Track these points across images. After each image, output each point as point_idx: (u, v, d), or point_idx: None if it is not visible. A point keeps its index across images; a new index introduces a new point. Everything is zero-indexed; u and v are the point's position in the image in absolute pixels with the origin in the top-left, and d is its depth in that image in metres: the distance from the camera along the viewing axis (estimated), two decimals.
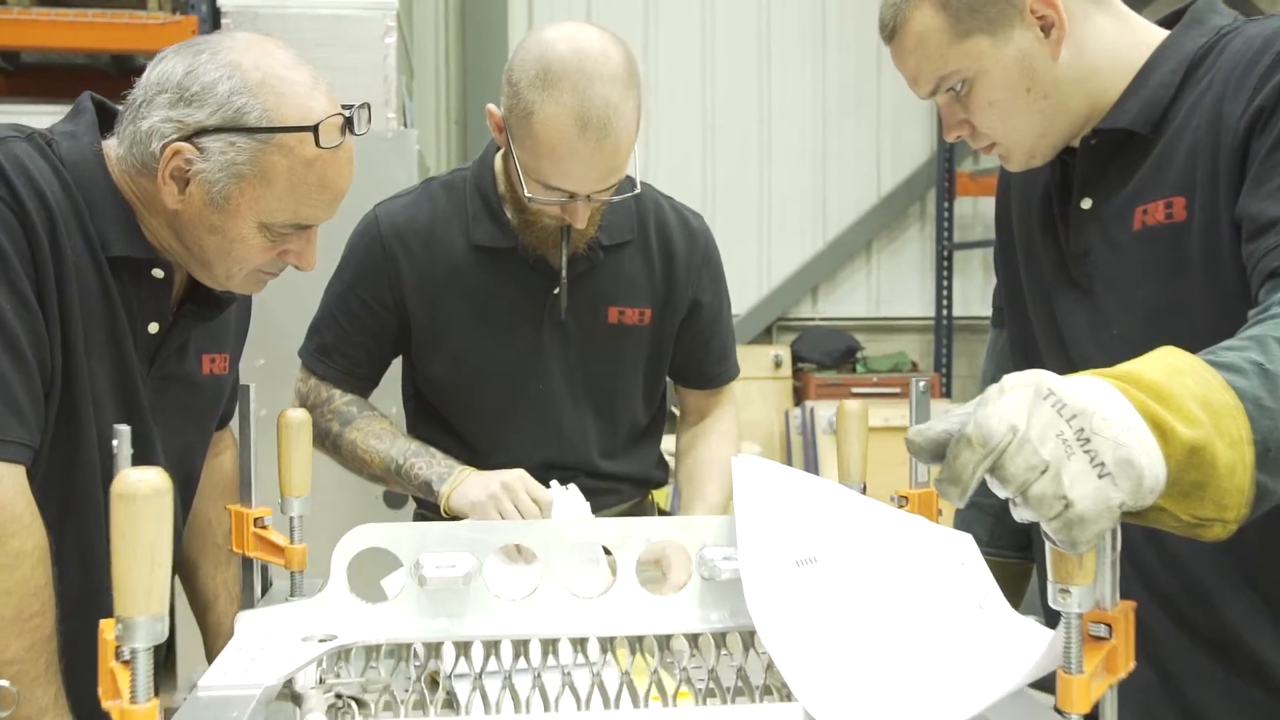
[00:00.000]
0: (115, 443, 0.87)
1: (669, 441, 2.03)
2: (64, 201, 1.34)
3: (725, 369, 2.05)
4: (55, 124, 1.43)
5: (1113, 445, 0.82)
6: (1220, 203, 1.23)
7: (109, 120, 1.43)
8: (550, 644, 1.28)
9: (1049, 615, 1.59)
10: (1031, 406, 0.84)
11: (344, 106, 1.40)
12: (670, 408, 2.11)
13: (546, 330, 1.85)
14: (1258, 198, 1.18)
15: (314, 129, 1.33)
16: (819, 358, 5.89)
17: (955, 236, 6.17)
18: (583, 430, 1.90)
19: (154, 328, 1.44)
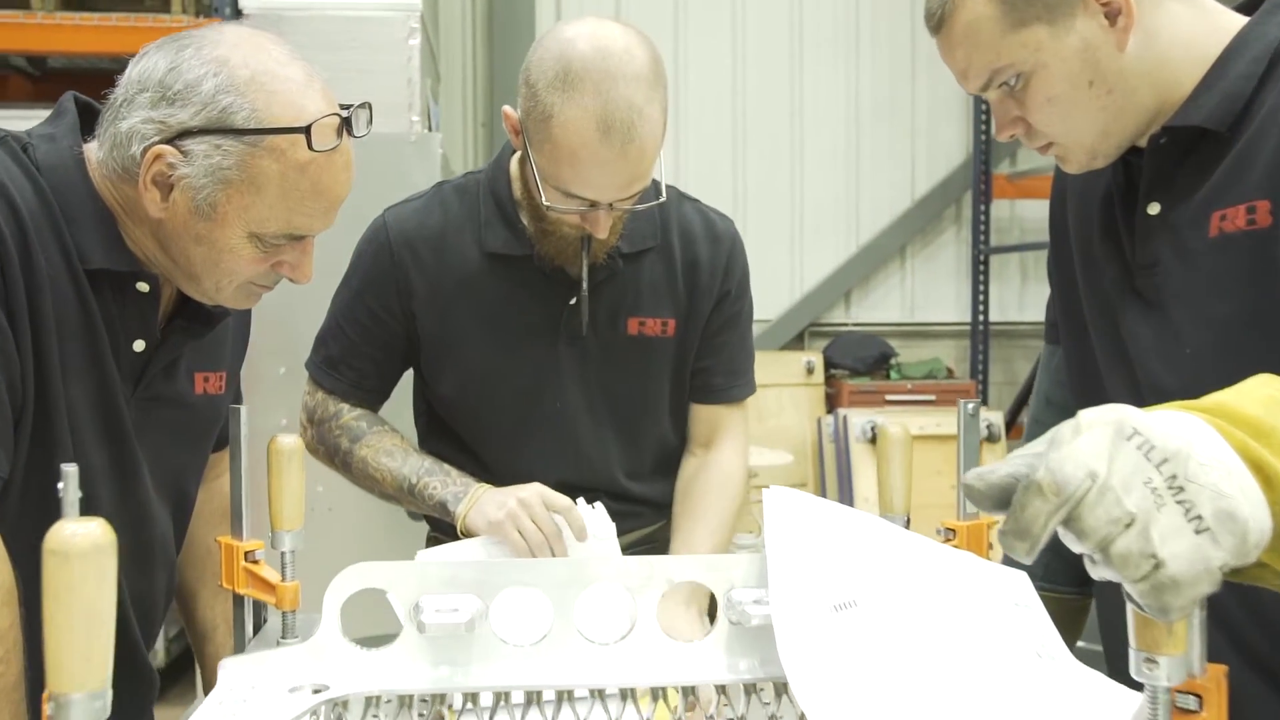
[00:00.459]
0: (61, 485, 0.77)
1: None
2: (38, 210, 1.23)
3: (735, 384, 1.87)
4: (35, 126, 1.33)
5: (1212, 495, 0.70)
6: None
7: (95, 122, 1.33)
8: (565, 694, 1.17)
9: (1108, 646, 1.47)
10: (1113, 449, 0.72)
11: (343, 106, 1.29)
12: None
13: (563, 343, 1.74)
14: None
15: (306, 130, 1.22)
16: (852, 364, 5.78)
17: (992, 240, 6.04)
18: (603, 449, 1.79)
19: (139, 346, 1.34)
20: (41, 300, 1.22)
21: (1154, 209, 1.26)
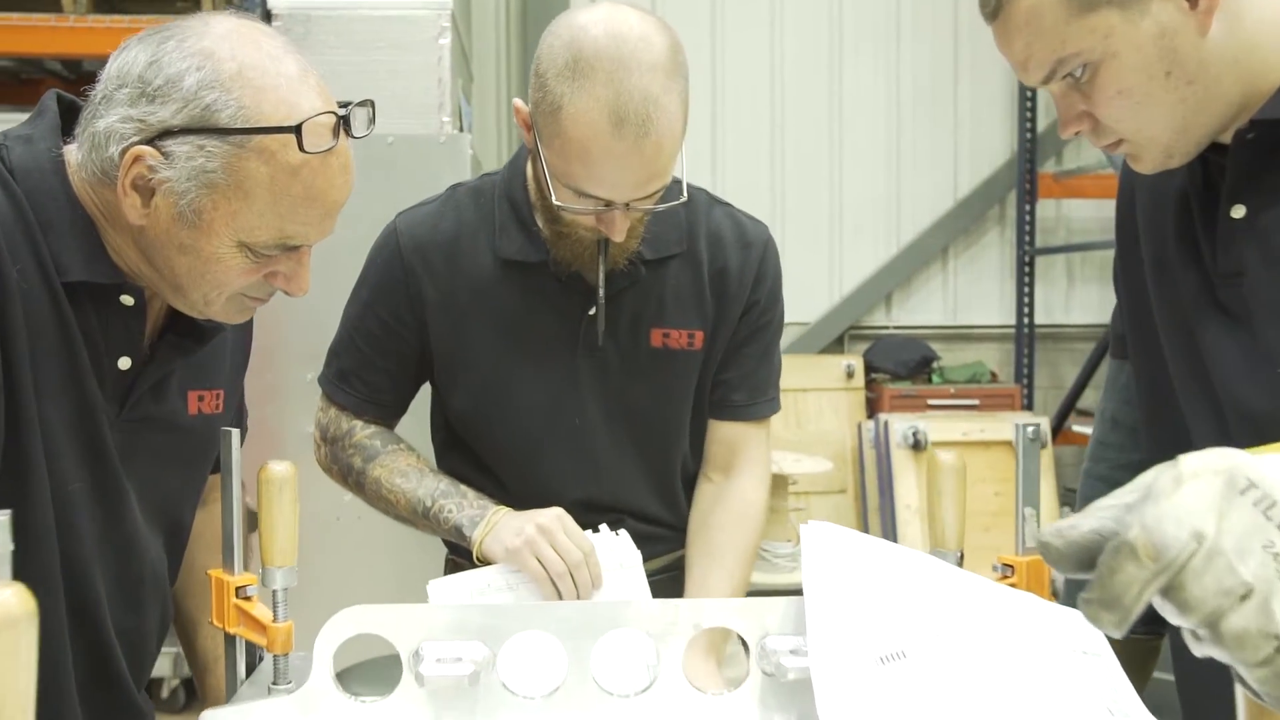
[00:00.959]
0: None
1: None
2: (10, 217, 1.14)
3: (757, 401, 1.72)
4: (12, 127, 1.23)
5: None
6: None
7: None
8: None
9: (1184, 692, 1.35)
10: (1224, 504, 0.60)
11: (341, 104, 1.18)
12: None
13: (582, 355, 1.63)
14: None
15: (297, 130, 1.11)
16: (893, 368, 5.67)
17: (1037, 241, 5.91)
18: (624, 468, 1.68)
19: (125, 363, 1.24)
20: (12, 315, 1.12)
21: (1238, 212, 1.14)
